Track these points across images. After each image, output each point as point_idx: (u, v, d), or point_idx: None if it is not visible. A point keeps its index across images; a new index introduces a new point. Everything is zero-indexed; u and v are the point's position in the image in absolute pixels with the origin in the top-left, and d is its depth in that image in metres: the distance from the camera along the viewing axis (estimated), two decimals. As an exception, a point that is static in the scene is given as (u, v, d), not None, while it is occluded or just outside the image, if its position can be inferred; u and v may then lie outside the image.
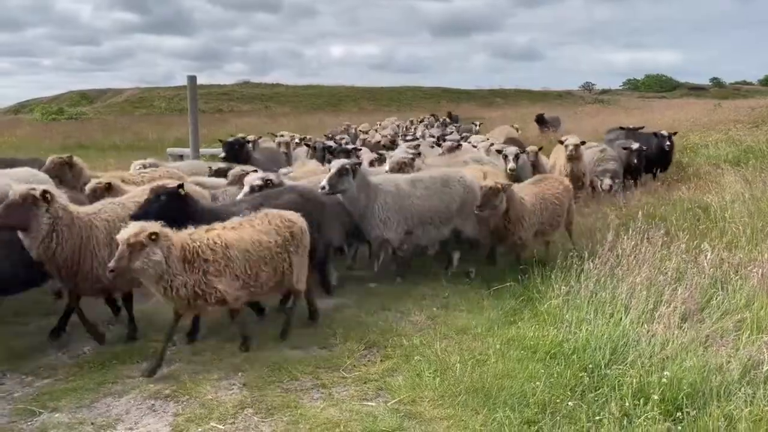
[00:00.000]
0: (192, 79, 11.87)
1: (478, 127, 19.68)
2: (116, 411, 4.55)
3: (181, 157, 16.31)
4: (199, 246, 4.89)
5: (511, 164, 9.79)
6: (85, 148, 24.06)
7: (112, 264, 4.53)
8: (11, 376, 5.11)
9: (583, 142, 10.84)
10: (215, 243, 4.97)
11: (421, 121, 22.05)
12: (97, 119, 39.05)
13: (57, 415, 4.49)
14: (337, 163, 7.09)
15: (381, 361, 5.36)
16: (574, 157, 10.68)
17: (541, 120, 20.30)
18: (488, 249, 8.10)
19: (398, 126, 21.48)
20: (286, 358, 5.39)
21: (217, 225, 5.22)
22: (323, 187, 6.75)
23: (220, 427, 4.31)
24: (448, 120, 24.94)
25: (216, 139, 23.37)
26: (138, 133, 28.30)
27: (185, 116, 18.61)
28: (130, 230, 4.60)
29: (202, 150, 14.61)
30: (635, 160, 12.13)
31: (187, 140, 15.51)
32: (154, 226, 4.67)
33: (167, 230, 4.77)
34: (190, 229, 5.04)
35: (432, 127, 21.28)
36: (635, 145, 12.33)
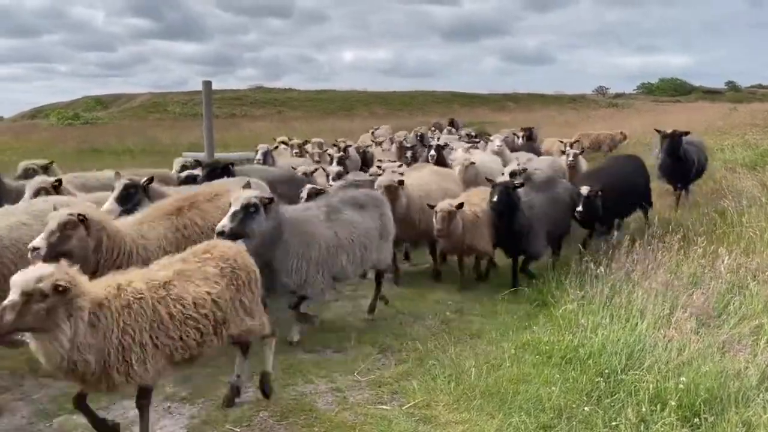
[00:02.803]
0: (207, 84, 11.94)
1: (521, 140, 16.02)
2: (133, 413, 4.55)
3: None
4: None
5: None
6: (99, 152, 24.30)
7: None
8: (30, 378, 5.16)
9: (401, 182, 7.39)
10: None
11: (419, 136, 19.29)
12: (112, 124, 39.38)
13: (74, 417, 4.52)
14: None
15: (395, 365, 5.37)
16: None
17: (530, 135, 19.43)
18: None
19: (391, 138, 16.86)
20: (301, 362, 5.41)
21: None
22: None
23: (236, 429, 4.33)
24: (450, 127, 23.75)
25: (226, 143, 23.60)
26: (152, 138, 28.49)
27: (198, 121, 18.79)
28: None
29: (216, 154, 14.70)
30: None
31: (200, 144, 15.61)
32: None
33: None
34: None
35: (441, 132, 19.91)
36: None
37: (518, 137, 16.29)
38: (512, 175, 8.66)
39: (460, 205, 6.99)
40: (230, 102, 48.39)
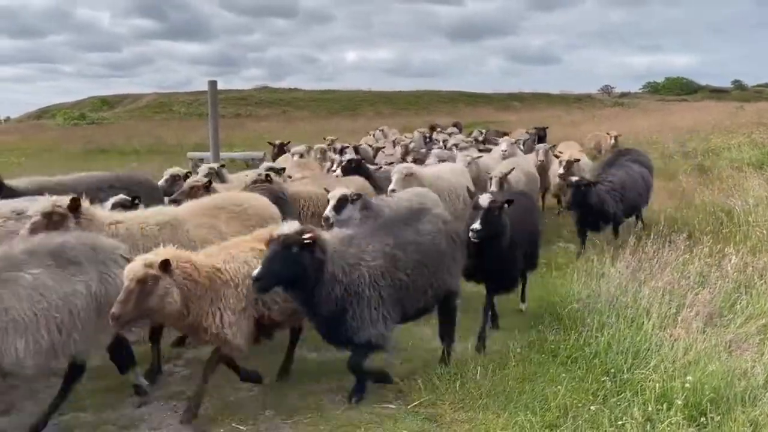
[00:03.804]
0: (213, 84, 11.99)
1: (523, 145, 13.75)
2: (139, 412, 4.61)
3: (201, 161, 16.54)
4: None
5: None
6: (106, 153, 24.42)
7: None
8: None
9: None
10: None
11: (428, 137, 17.25)
12: (118, 124, 39.55)
13: (82, 414, 4.56)
14: None
15: (401, 364, 5.37)
16: None
17: (543, 136, 18.74)
18: None
19: (394, 141, 16.12)
20: (307, 361, 5.42)
21: None
22: None
23: (242, 428, 4.34)
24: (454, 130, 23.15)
25: (232, 143, 23.65)
26: (158, 138, 28.61)
27: (204, 121, 18.82)
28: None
29: (222, 154, 14.77)
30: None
31: (206, 144, 15.68)
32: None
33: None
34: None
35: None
36: None
37: (521, 147, 13.53)
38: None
39: (166, 264, 3.97)
40: (235, 102, 48.49)
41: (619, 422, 4.01)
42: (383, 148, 14.66)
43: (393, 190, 7.43)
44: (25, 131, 35.58)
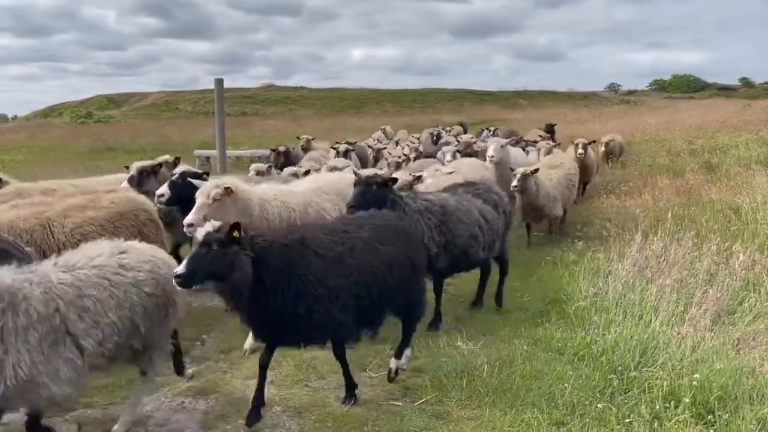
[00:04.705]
0: (219, 82, 12.04)
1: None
2: (147, 408, 4.62)
3: (207, 159, 16.55)
4: None
5: None
6: (113, 151, 24.51)
7: None
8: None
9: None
10: None
11: (436, 135, 17.81)
12: (125, 122, 39.72)
13: (89, 411, 4.57)
14: None
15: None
16: None
17: (551, 129, 18.66)
18: None
19: (397, 142, 16.28)
20: (313, 358, 5.42)
21: None
22: None
23: (249, 424, 4.35)
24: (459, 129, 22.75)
25: (238, 142, 23.72)
26: (164, 136, 28.69)
27: (210, 119, 18.94)
28: None
29: (228, 152, 14.79)
30: None
31: (212, 142, 15.73)
32: None
33: None
34: None
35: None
36: None
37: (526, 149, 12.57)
38: None
39: None
40: (241, 100, 48.63)
41: (627, 420, 4.01)
42: (385, 148, 14.12)
43: (191, 225, 5.13)
44: (32, 129, 35.80)
